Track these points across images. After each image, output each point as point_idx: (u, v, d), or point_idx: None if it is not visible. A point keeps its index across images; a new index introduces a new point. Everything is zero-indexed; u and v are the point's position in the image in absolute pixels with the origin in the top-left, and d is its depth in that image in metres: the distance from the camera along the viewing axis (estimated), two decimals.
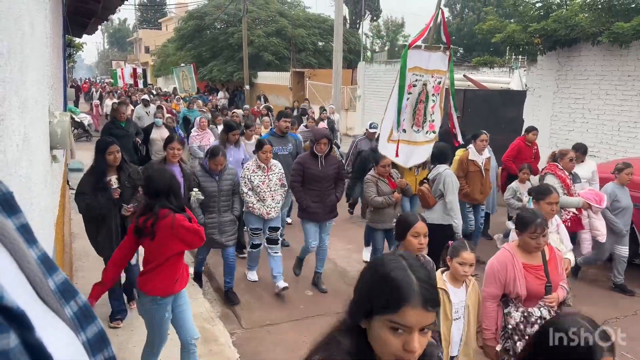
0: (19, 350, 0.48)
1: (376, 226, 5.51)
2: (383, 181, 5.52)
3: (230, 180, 5.21)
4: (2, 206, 0.63)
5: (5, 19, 1.54)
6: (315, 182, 5.42)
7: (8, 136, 1.53)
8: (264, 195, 5.36)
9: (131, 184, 4.45)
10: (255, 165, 5.40)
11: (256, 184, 5.33)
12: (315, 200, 5.42)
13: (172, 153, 5.03)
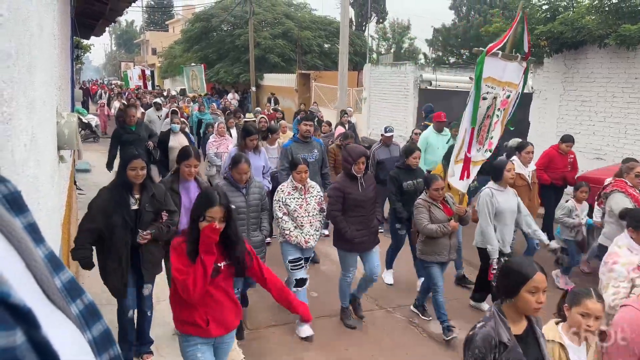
0: (25, 348, 0.48)
1: (429, 258, 4.80)
2: (437, 206, 4.81)
3: (258, 194, 4.56)
4: (10, 205, 0.64)
5: (14, 20, 1.56)
6: (357, 207, 4.74)
7: (16, 136, 1.55)
8: (302, 221, 4.67)
9: (153, 207, 3.85)
10: (291, 187, 4.74)
11: (293, 208, 4.67)
12: (360, 228, 4.75)
13: (189, 171, 4.32)
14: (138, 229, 3.72)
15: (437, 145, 7.66)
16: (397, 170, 5.79)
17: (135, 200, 3.78)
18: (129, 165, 3.75)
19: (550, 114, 10.37)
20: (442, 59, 33.24)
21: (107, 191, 3.76)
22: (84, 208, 7.83)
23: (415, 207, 4.86)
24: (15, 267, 0.56)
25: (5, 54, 1.41)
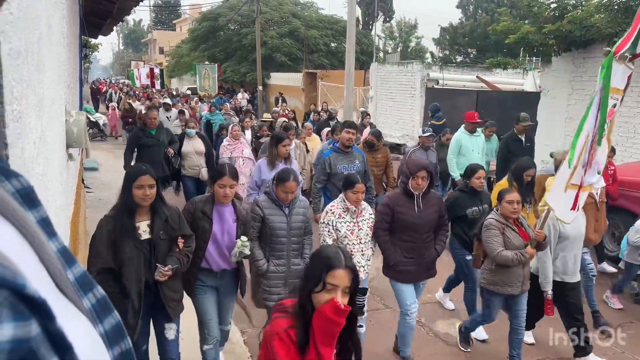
0: (40, 339, 0.49)
1: (498, 290, 4.07)
2: (511, 229, 4.02)
3: (303, 215, 3.95)
4: (23, 200, 0.65)
5: (24, 18, 1.57)
6: (409, 230, 4.06)
7: (26, 134, 1.56)
8: (352, 249, 4.00)
9: (168, 235, 3.18)
10: (343, 208, 4.06)
11: (343, 233, 4.00)
12: (409, 255, 4.08)
13: (223, 192, 3.52)
14: (155, 263, 3.10)
15: (471, 147, 7.24)
16: (459, 194, 4.88)
17: (146, 228, 3.10)
18: (134, 182, 3.01)
19: (559, 114, 10.31)
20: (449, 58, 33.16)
21: (109, 219, 3.05)
22: (92, 206, 7.91)
23: (486, 228, 4.04)
24: (29, 260, 0.57)
25: (16, 52, 1.43)
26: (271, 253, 3.86)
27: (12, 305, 0.46)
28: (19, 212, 0.60)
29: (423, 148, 6.92)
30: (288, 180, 3.75)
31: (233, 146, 7.46)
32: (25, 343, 0.47)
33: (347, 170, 5.30)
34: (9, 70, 1.33)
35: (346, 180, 4.11)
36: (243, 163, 7.24)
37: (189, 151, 7.53)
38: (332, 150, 5.62)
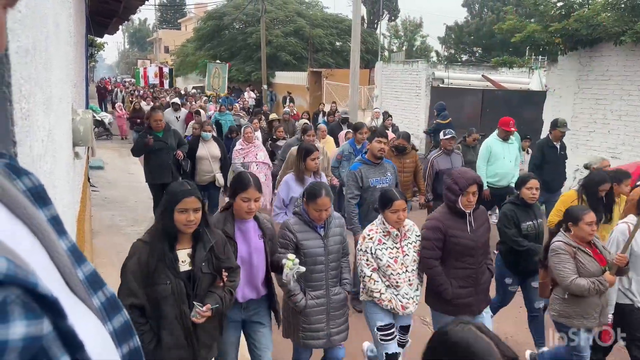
0: (51, 337, 0.49)
1: (572, 323, 3.54)
2: (585, 252, 3.48)
3: (340, 235, 3.48)
4: (34, 198, 0.65)
5: (32, 17, 1.58)
6: (465, 256, 3.50)
7: (34, 132, 1.57)
8: (397, 280, 3.46)
9: (212, 267, 2.67)
10: (383, 232, 3.50)
11: (385, 262, 3.45)
12: (465, 284, 3.51)
13: (248, 207, 3.02)
14: (193, 301, 2.57)
15: (502, 154, 6.77)
16: (511, 207, 4.30)
17: (186, 257, 2.60)
18: (177, 205, 2.51)
19: (564, 113, 10.27)
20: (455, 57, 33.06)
21: (144, 246, 2.56)
22: (97, 205, 7.94)
23: (555, 253, 3.51)
24: (40, 258, 0.57)
25: (24, 50, 1.43)
26: (307, 284, 3.31)
27: (24, 304, 0.46)
28: (30, 210, 0.60)
29: (445, 152, 6.30)
30: (320, 196, 3.24)
31: (246, 150, 7.03)
32: (37, 341, 0.47)
33: (379, 183, 4.87)
34: (17, 68, 1.33)
35: (383, 198, 3.53)
36: (257, 168, 6.89)
37: (203, 156, 7.07)
38: (361, 162, 5.03)
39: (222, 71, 19.00)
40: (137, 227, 7.20)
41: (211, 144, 7.20)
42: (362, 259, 3.48)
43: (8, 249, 0.49)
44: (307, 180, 4.62)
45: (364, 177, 4.90)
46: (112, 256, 5.99)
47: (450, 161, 6.25)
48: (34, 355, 0.47)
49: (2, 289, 0.45)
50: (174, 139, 6.85)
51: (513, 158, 6.84)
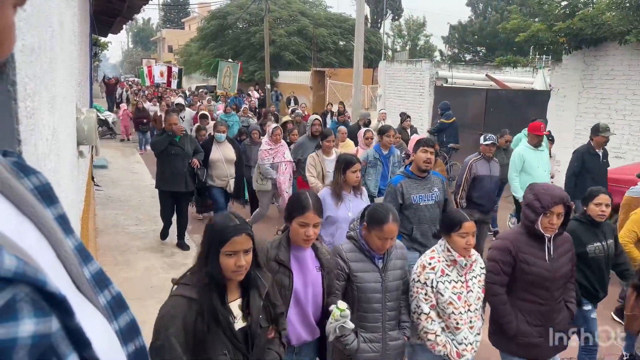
0: (60, 335, 0.49)
1: None
2: None
3: (401, 268, 2.90)
4: (41, 196, 0.66)
5: (37, 16, 1.58)
6: (537, 288, 2.98)
7: (39, 130, 1.57)
8: (457, 320, 2.85)
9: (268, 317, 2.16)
10: (446, 260, 2.89)
11: (447, 299, 2.84)
12: (535, 321, 2.99)
13: (305, 233, 2.54)
14: None
15: (536, 163, 6.20)
16: (576, 226, 3.64)
17: (239, 312, 2.05)
18: (223, 247, 1.95)
19: (569, 112, 10.24)
20: (458, 56, 33.01)
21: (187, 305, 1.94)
22: (100, 204, 7.97)
23: None
24: (47, 257, 0.58)
25: (29, 49, 1.43)
26: (360, 324, 2.76)
27: (33, 302, 0.47)
28: (38, 208, 0.60)
29: (485, 158, 5.84)
30: (386, 222, 2.67)
31: (275, 150, 6.70)
32: (45, 339, 0.47)
33: (423, 200, 4.25)
34: (22, 67, 1.33)
35: (449, 219, 2.96)
36: (285, 168, 6.79)
37: (217, 159, 6.70)
38: (404, 175, 4.34)
39: (233, 70, 18.06)
40: (140, 226, 7.22)
41: (225, 146, 6.80)
42: (419, 292, 2.87)
43: (17, 247, 0.50)
44: (346, 196, 4.12)
45: (406, 193, 4.22)
46: (116, 255, 6.01)
47: (488, 167, 5.86)
48: (43, 352, 0.47)
49: (12, 286, 0.45)
50: (191, 145, 6.40)
51: (547, 167, 6.30)
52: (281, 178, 6.74)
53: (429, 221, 4.22)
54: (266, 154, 6.65)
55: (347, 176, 4.12)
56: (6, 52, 0.55)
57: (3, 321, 0.44)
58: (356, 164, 4.17)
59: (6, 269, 0.44)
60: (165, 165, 6.23)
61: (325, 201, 3.98)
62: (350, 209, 4.06)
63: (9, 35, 0.54)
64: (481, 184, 5.73)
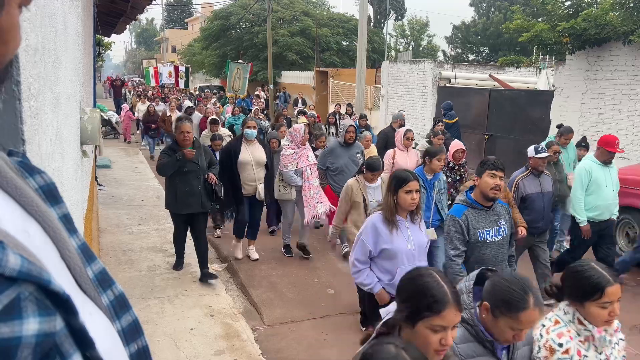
0: (64, 334, 0.50)
1: None
2: None
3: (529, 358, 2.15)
4: (45, 196, 0.66)
5: (41, 16, 1.59)
6: None
7: (43, 130, 1.58)
8: None
9: None
10: (579, 333, 2.10)
11: None
12: None
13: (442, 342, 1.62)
14: None
15: (604, 182, 5.46)
16: None
17: None
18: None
19: (572, 112, 10.21)
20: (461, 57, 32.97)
21: None
22: (104, 203, 7.99)
23: None
24: (51, 256, 0.58)
25: (33, 49, 1.44)
26: None
27: (38, 301, 0.47)
28: (43, 208, 0.61)
29: (534, 173, 5.06)
30: (526, 308, 1.84)
31: (299, 154, 6.00)
32: (49, 338, 0.47)
33: (490, 236, 3.46)
34: (26, 67, 1.34)
35: (584, 282, 2.05)
36: (311, 173, 6.03)
37: (246, 160, 5.86)
38: (466, 204, 3.51)
39: (243, 72, 17.27)
40: (143, 226, 7.23)
41: (256, 147, 5.97)
42: None
43: (21, 246, 0.50)
44: (401, 222, 3.33)
45: (471, 227, 3.42)
46: (119, 255, 6.03)
47: (539, 184, 5.05)
48: (47, 351, 0.47)
49: (16, 285, 0.45)
50: (205, 157, 5.46)
51: (615, 185, 5.58)
52: (307, 184, 5.99)
53: (493, 261, 3.39)
54: (289, 160, 5.96)
55: (399, 198, 3.31)
56: (12, 52, 0.55)
57: (8, 320, 0.44)
58: (411, 182, 3.30)
59: (11, 267, 0.45)
60: (177, 183, 5.24)
61: (377, 230, 3.34)
62: (409, 239, 3.30)
63: (15, 35, 0.54)
64: (532, 205, 4.96)
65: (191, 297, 5.04)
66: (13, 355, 0.43)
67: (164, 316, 4.59)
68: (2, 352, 0.43)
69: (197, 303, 4.94)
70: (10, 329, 0.43)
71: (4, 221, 0.51)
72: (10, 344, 0.43)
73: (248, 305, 5.21)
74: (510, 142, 11.51)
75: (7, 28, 0.52)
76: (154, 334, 4.31)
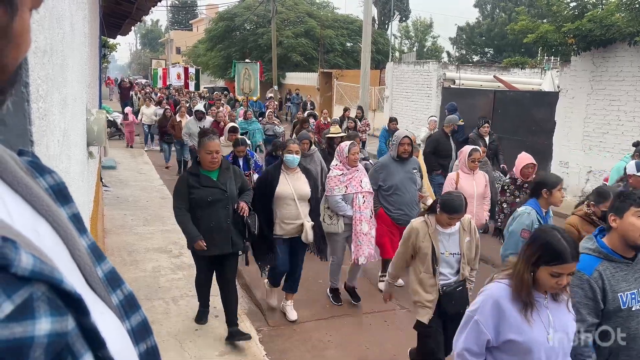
0: (75, 334, 0.50)
1: None
2: None
3: None
4: (56, 196, 0.66)
5: (49, 18, 1.60)
6: None
7: (50, 131, 1.59)
8: None
9: None
10: None
11: None
12: None
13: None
14: None
15: None
16: None
17: None
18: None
19: (577, 114, 10.18)
20: (466, 58, 32.92)
21: None
22: (109, 204, 8.02)
23: None
24: (61, 256, 0.58)
25: (41, 51, 1.45)
26: None
27: (50, 300, 0.47)
28: (53, 208, 0.61)
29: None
30: None
31: (348, 176, 4.87)
32: (61, 338, 0.47)
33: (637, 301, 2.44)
34: (34, 69, 1.35)
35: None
36: (364, 202, 4.92)
37: (286, 194, 4.57)
38: (601, 255, 2.56)
39: (252, 72, 15.79)
40: (148, 227, 7.25)
41: (297, 177, 4.66)
42: None
43: (33, 246, 0.50)
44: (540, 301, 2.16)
45: (608, 288, 2.37)
46: (124, 255, 6.04)
47: None
48: (59, 352, 0.48)
49: (28, 285, 0.45)
50: (235, 181, 4.24)
51: None
52: (358, 215, 4.87)
53: None
54: (336, 183, 4.86)
55: (540, 276, 2.11)
56: (22, 55, 0.56)
57: (20, 320, 0.44)
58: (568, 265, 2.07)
59: (23, 267, 0.45)
60: (200, 218, 4.10)
61: (502, 310, 2.17)
62: (549, 327, 2.15)
63: (26, 38, 0.55)
64: None
65: (195, 298, 5.04)
66: (25, 355, 0.44)
67: (169, 317, 4.60)
68: (15, 351, 0.43)
69: None
70: (23, 328, 0.44)
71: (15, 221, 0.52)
72: (23, 343, 0.44)
73: (252, 306, 5.21)
74: (514, 144, 11.47)
75: (20, 32, 0.53)
76: (158, 335, 4.31)
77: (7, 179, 0.57)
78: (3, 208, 0.52)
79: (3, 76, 0.52)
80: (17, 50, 0.53)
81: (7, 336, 0.42)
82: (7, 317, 0.43)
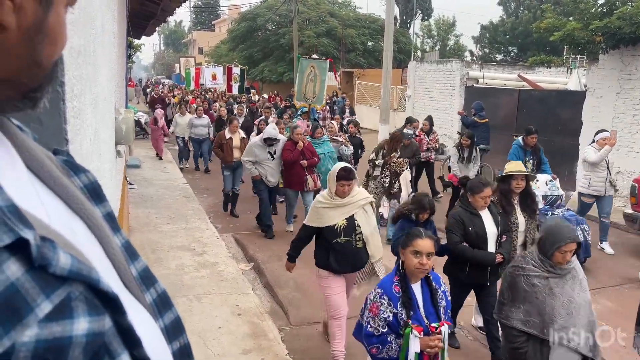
0: (112, 333, 0.50)
1: None
2: None
3: None
4: (90, 195, 0.67)
5: (83, 18, 1.63)
6: None
7: (84, 130, 1.62)
8: None
9: None
10: None
11: None
12: None
13: None
14: None
15: None
16: None
17: None
18: None
19: (605, 113, 9.95)
20: (489, 57, 32.48)
21: None
22: (134, 202, 8.13)
23: None
24: (97, 254, 0.58)
25: (76, 51, 1.47)
26: None
27: (87, 300, 0.47)
28: (87, 206, 0.61)
29: None
30: None
31: None
32: (99, 337, 0.47)
33: None
34: (69, 68, 1.37)
35: None
36: None
37: None
38: None
39: (320, 71, 10.87)
40: (172, 225, 7.33)
41: None
42: None
43: (70, 245, 0.50)
44: None
45: None
46: (148, 253, 6.12)
47: None
48: (96, 351, 0.48)
49: (67, 285, 0.46)
50: None
51: None
52: None
53: None
54: None
55: None
56: (59, 50, 0.56)
57: (59, 319, 0.44)
58: None
59: (61, 267, 0.45)
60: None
61: None
62: None
63: (62, 35, 0.55)
64: None
65: (219, 296, 5.09)
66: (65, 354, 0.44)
67: (192, 314, 4.65)
68: (55, 351, 0.43)
69: (225, 302, 4.97)
70: (62, 328, 0.44)
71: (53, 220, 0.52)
72: (62, 343, 0.44)
73: (274, 305, 5.23)
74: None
75: (55, 27, 0.52)
76: None
77: (44, 178, 0.58)
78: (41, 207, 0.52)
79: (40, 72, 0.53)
80: (52, 46, 0.53)
81: (47, 336, 0.43)
82: (46, 316, 0.43)
